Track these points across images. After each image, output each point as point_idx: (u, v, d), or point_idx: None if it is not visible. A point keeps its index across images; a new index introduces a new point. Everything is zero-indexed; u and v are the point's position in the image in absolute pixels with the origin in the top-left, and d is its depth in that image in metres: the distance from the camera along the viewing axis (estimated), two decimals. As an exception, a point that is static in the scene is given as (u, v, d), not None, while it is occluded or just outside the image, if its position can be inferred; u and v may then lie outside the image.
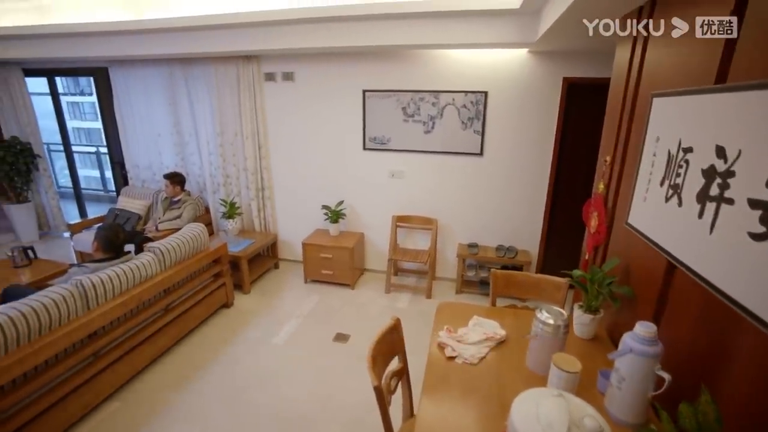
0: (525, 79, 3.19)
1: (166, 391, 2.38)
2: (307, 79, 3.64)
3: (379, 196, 3.78)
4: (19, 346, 1.83)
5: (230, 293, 3.29)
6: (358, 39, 2.99)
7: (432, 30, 2.79)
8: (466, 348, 1.63)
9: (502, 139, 3.38)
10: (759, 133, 0.87)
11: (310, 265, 3.66)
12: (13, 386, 1.81)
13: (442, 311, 1.96)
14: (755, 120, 0.89)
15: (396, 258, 3.56)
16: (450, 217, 3.69)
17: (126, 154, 4.53)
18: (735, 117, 0.96)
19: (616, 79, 1.85)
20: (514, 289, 2.15)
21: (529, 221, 3.53)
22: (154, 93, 4.14)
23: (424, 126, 3.47)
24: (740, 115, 0.94)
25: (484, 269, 3.66)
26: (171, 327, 2.70)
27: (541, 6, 2.34)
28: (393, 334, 1.60)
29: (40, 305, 1.94)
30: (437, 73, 3.34)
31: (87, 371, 2.13)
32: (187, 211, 3.86)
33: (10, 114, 4.68)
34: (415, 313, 3.26)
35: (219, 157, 4.02)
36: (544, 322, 1.44)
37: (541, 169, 3.37)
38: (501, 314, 1.92)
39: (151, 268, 2.57)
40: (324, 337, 2.91)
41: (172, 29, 3.34)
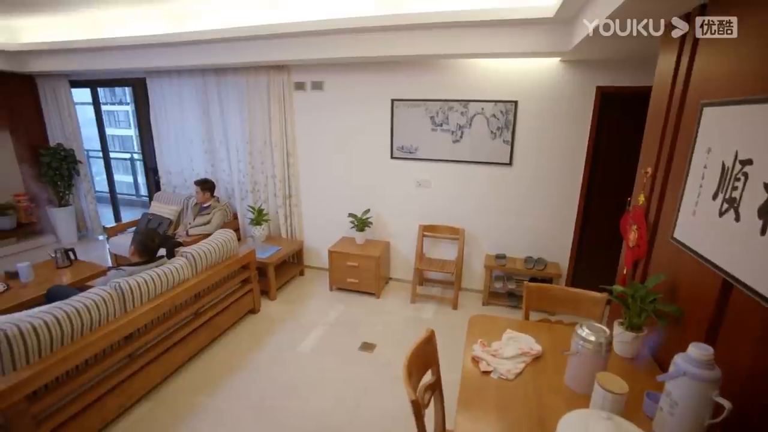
0: (556, 89, 3.14)
1: (196, 395, 2.41)
2: (336, 88, 3.69)
3: (405, 205, 3.77)
4: (62, 345, 1.90)
5: (257, 299, 3.34)
6: (387, 49, 3.01)
7: (462, 40, 2.79)
8: (502, 363, 1.59)
9: (532, 149, 3.32)
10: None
11: (335, 273, 3.68)
12: (57, 384, 1.87)
13: (475, 324, 1.93)
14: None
15: (422, 268, 3.53)
16: (477, 227, 3.64)
17: (159, 161, 4.69)
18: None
19: (659, 87, 1.79)
20: (548, 302, 2.09)
21: (559, 233, 3.44)
22: (187, 102, 4.29)
23: (452, 135, 3.46)
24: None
25: (512, 281, 3.58)
26: (200, 331, 2.75)
27: (577, 14, 2.30)
28: (427, 346, 1.58)
29: (82, 306, 2.01)
30: (466, 82, 3.33)
31: (123, 372, 2.19)
32: (216, 217, 3.95)
33: (56, 122, 4.94)
34: (441, 324, 3.21)
35: (248, 164, 4.11)
36: (585, 338, 1.38)
37: (572, 180, 3.29)
38: (535, 328, 1.87)
39: (183, 272, 2.63)
40: (350, 346, 2.90)
41: (207, 41, 3.46)
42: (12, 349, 1.70)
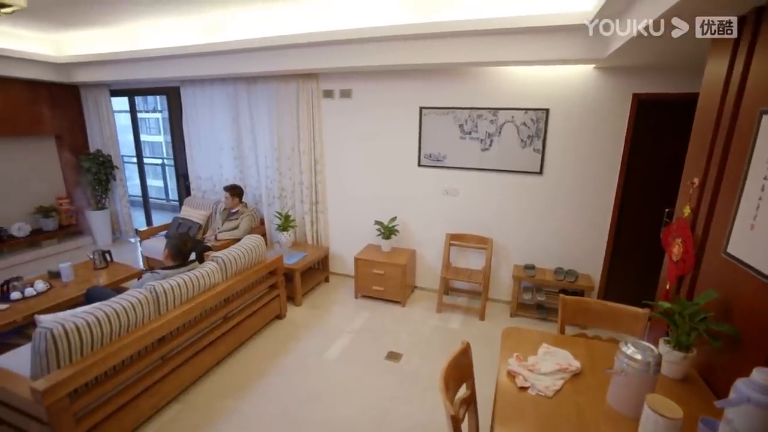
0: (590, 96, 3.06)
1: (224, 398, 2.44)
2: (364, 96, 3.72)
3: (432, 214, 3.74)
4: (102, 345, 1.96)
5: (284, 305, 3.36)
6: (418, 57, 3.01)
7: (495, 48, 2.76)
8: (540, 379, 1.54)
9: (564, 157, 3.24)
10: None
11: (361, 280, 3.67)
12: (95, 383, 1.93)
13: (509, 337, 1.87)
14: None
15: (449, 277, 3.48)
16: (505, 236, 3.56)
17: (190, 166, 4.83)
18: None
19: (708, 93, 1.71)
20: (585, 316, 2.02)
21: (592, 244, 3.33)
22: (218, 109, 4.41)
23: (481, 143, 3.42)
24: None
25: (542, 293, 3.48)
26: (229, 335, 2.79)
27: (617, 18, 2.23)
28: (463, 358, 1.54)
29: (121, 308, 2.07)
30: (496, 89, 3.29)
31: (156, 373, 2.24)
32: (243, 223, 4.02)
33: (96, 129, 5.18)
34: (469, 335, 3.15)
35: (275, 171, 4.18)
36: (630, 357, 1.32)
37: (606, 189, 3.18)
38: (571, 344, 1.80)
39: (214, 276, 2.68)
40: (376, 354, 2.88)
41: (240, 50, 3.55)
42: (57, 348, 1.76)
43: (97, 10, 3.32)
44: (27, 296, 2.86)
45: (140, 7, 3.20)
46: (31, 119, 4.66)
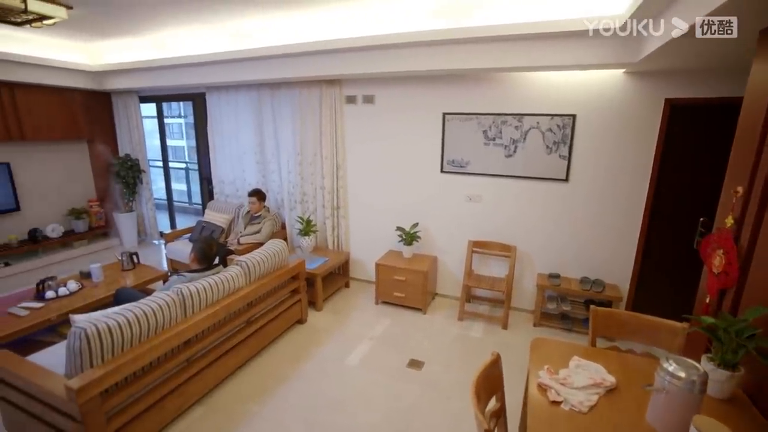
0: (619, 102, 2.98)
1: (247, 402, 2.45)
2: (387, 102, 3.73)
3: (454, 220, 3.70)
4: (131, 346, 1.99)
5: (305, 310, 3.37)
6: (441, 63, 3.00)
7: (520, 53, 2.72)
8: (573, 393, 1.48)
9: (591, 164, 3.17)
10: None
11: (382, 286, 3.65)
12: (125, 383, 1.96)
13: (538, 348, 1.82)
14: None
15: (471, 285, 3.43)
16: (529, 244, 3.49)
17: (213, 171, 4.93)
18: None
19: (754, 97, 1.63)
20: (617, 329, 1.95)
21: (620, 254, 3.23)
22: (242, 115, 4.49)
23: (505, 150, 3.37)
24: None
25: (566, 302, 3.39)
26: (251, 339, 2.81)
27: (649, 22, 2.17)
28: (494, 369, 1.50)
29: (149, 309, 2.11)
30: (521, 95, 3.24)
31: (181, 375, 2.27)
32: (265, 227, 4.07)
33: (125, 134, 5.35)
34: (491, 344, 3.09)
35: (297, 175, 4.22)
36: (673, 374, 1.26)
37: (635, 197, 3.09)
38: (604, 357, 1.74)
39: (238, 280, 2.71)
40: (397, 362, 2.85)
41: (265, 57, 3.60)
42: (90, 348, 1.81)
43: (131, 20, 3.43)
44: (60, 295, 2.95)
45: (170, 16, 3.30)
46: (66, 125, 4.85)
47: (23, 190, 4.63)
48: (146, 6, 3.05)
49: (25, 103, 4.38)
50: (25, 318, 2.66)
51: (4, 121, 4.23)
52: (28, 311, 2.74)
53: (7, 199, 4.46)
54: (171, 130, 14.33)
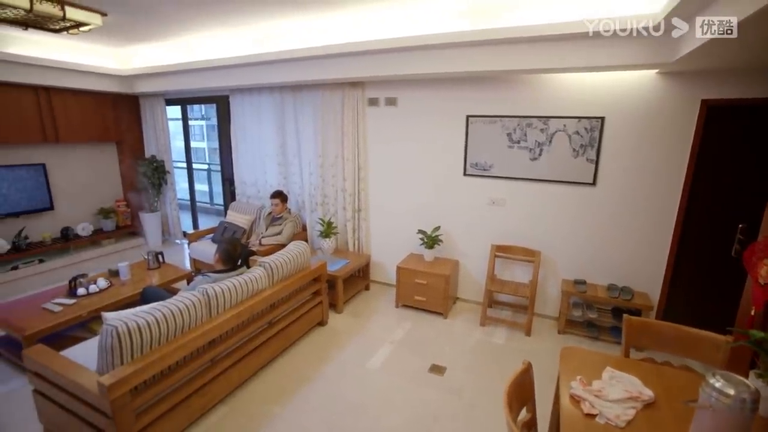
0: (651, 103, 2.88)
1: (269, 404, 2.46)
2: (409, 104, 3.71)
3: (477, 224, 3.65)
4: (159, 345, 2.03)
5: (326, 312, 3.38)
6: (466, 65, 2.96)
7: (550, 54, 2.66)
8: (608, 406, 1.43)
9: (620, 168, 3.07)
10: None
11: (403, 289, 3.63)
12: (152, 381, 2.00)
13: (568, 357, 1.77)
14: None
15: (495, 290, 3.36)
16: (554, 249, 3.41)
17: (236, 172, 5.00)
18: None
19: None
20: (652, 340, 1.87)
21: (650, 261, 3.12)
22: (265, 117, 4.54)
23: (530, 153, 3.30)
24: None
25: (593, 310, 3.29)
26: (273, 340, 2.82)
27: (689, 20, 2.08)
28: (525, 378, 1.46)
29: (176, 309, 2.14)
30: (547, 97, 3.18)
31: (206, 375, 2.29)
32: (287, 228, 4.09)
33: (151, 136, 5.49)
34: (515, 351, 3.02)
35: (319, 177, 4.24)
36: (720, 391, 1.19)
37: (667, 202, 2.98)
38: (639, 369, 1.67)
39: (261, 282, 2.73)
40: (419, 367, 2.81)
41: (288, 59, 3.63)
42: (121, 345, 1.84)
43: (160, 26, 3.52)
44: (91, 292, 3.04)
45: (198, 22, 3.37)
46: (98, 127, 5.02)
47: (57, 190, 4.80)
48: (176, 12, 3.12)
49: (61, 107, 4.56)
50: (58, 314, 2.75)
51: (41, 123, 4.41)
52: (62, 307, 2.82)
53: (42, 199, 4.64)
54: (192, 132, 14.66)
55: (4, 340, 2.89)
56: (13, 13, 2.45)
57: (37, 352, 2.08)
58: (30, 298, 3.03)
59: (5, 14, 2.47)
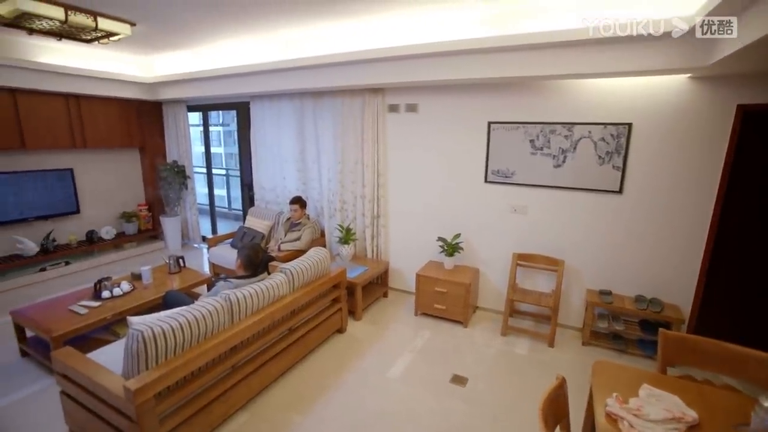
0: (682, 108, 2.79)
1: (289, 411, 2.44)
2: (430, 111, 3.68)
3: (498, 232, 3.59)
4: (183, 350, 2.03)
5: (345, 319, 3.35)
6: (488, 71, 2.93)
7: (577, 59, 2.60)
8: (649, 427, 1.36)
9: (648, 175, 2.98)
10: None
11: (422, 297, 3.58)
12: (176, 387, 2.00)
13: (601, 372, 1.70)
14: None
15: (517, 299, 3.29)
16: (577, 258, 3.32)
17: (255, 177, 5.05)
18: None
19: None
20: (690, 356, 1.79)
21: (681, 272, 3.01)
22: (285, 123, 4.58)
23: (553, 160, 3.24)
24: None
25: (619, 321, 3.19)
26: (293, 347, 2.80)
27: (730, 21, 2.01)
28: (560, 393, 1.40)
29: (200, 314, 2.14)
30: (572, 103, 3.11)
31: (227, 381, 2.29)
32: (306, 234, 4.10)
33: (173, 141, 5.61)
34: (538, 362, 2.94)
35: (338, 183, 4.24)
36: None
37: (700, 211, 2.87)
38: (678, 387, 1.59)
39: (282, 288, 2.72)
40: (440, 377, 2.76)
41: (309, 66, 3.65)
42: (147, 350, 1.85)
43: (185, 34, 3.60)
44: (115, 295, 3.08)
45: (222, 30, 3.43)
46: (123, 133, 5.16)
47: (83, 193, 4.94)
48: (201, 21, 3.18)
49: (89, 114, 4.70)
50: (84, 316, 2.79)
51: (70, 130, 4.55)
52: (87, 309, 2.87)
53: (69, 202, 4.77)
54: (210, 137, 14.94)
55: (34, 341, 2.95)
56: (49, 24, 2.54)
57: (65, 354, 2.11)
58: (57, 300, 3.09)
59: (41, 25, 2.56)
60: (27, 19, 2.49)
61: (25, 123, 4.18)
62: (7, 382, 2.68)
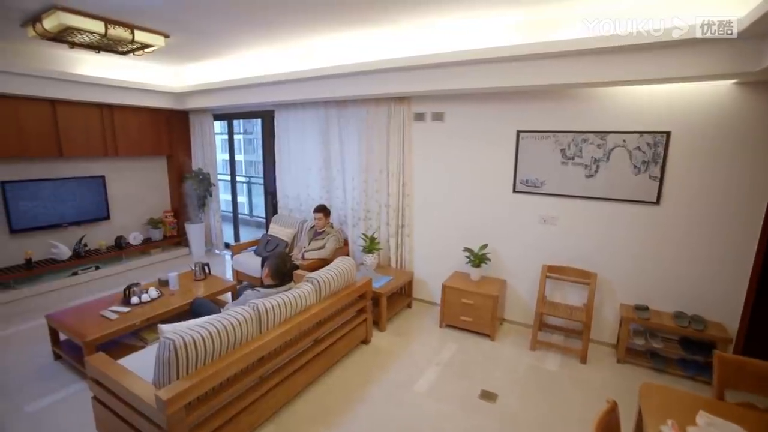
0: (726, 116, 2.67)
1: (315, 424, 2.39)
2: (457, 119, 3.64)
3: (526, 243, 3.49)
4: (212, 360, 2.02)
5: (370, 330, 3.30)
6: (518, 79, 2.87)
7: (614, 66, 2.51)
8: (711, 460, 1.26)
9: (689, 186, 2.85)
10: None
11: (448, 309, 3.50)
12: (205, 397, 1.98)
13: (650, 396, 1.60)
14: None
15: (547, 312, 3.18)
16: (611, 271, 3.19)
17: (279, 185, 5.09)
18: None
19: None
20: (751, 382, 1.66)
21: (726, 288, 2.85)
22: (309, 132, 4.61)
23: (585, 169, 3.14)
24: None
25: (657, 339, 3.03)
26: (319, 358, 2.77)
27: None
28: (612, 419, 1.32)
29: (229, 324, 2.13)
30: (605, 111, 3.02)
31: (255, 392, 2.26)
32: (329, 243, 4.09)
33: (199, 149, 5.73)
34: (570, 379, 2.82)
35: (362, 192, 4.22)
36: None
37: (748, 223, 2.72)
38: (739, 416, 1.48)
39: (309, 298, 2.70)
40: (469, 392, 2.67)
41: (334, 75, 3.66)
42: (178, 359, 1.85)
43: (215, 45, 3.67)
44: (143, 301, 3.12)
45: (249, 41, 3.49)
46: (152, 142, 5.31)
47: (113, 200, 5.08)
48: (231, 32, 3.24)
49: (121, 123, 4.87)
50: (115, 321, 2.83)
51: (104, 138, 4.72)
52: (117, 315, 2.91)
53: (100, 209, 4.92)
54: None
55: (66, 344, 3.01)
56: (89, 38, 2.62)
57: (99, 360, 2.13)
58: (89, 305, 3.15)
59: (82, 39, 2.65)
60: (70, 33, 2.59)
61: (63, 132, 4.35)
62: (41, 384, 2.73)
